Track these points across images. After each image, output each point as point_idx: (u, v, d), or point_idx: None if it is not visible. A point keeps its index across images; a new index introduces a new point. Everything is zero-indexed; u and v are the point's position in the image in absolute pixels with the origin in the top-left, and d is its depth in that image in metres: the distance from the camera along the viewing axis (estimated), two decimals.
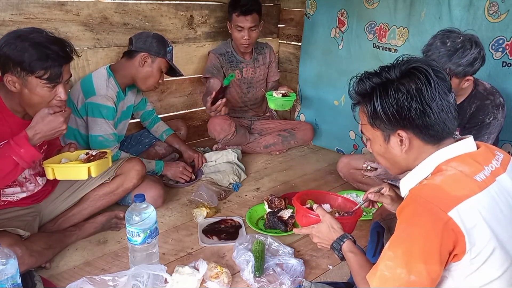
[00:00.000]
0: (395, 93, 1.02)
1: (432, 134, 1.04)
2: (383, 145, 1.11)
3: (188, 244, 1.89)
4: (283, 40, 3.46)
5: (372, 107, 1.06)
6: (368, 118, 1.10)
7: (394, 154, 1.10)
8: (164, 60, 2.24)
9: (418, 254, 0.92)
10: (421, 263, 0.91)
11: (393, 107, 1.03)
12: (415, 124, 1.03)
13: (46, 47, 1.47)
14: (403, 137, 1.06)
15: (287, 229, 1.95)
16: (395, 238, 0.97)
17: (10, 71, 1.46)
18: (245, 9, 2.66)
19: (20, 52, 1.44)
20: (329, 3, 2.90)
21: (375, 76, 1.07)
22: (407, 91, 1.01)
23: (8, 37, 1.47)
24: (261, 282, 1.60)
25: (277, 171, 2.72)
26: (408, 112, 1.02)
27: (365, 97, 1.09)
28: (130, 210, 1.51)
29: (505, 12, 2.05)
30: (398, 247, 0.95)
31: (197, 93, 3.06)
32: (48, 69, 1.48)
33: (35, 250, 1.58)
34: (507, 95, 2.11)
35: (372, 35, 2.67)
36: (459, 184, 0.97)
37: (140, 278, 1.42)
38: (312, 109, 3.21)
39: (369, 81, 1.07)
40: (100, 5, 2.41)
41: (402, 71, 1.04)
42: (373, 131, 1.12)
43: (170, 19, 2.74)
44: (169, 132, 2.61)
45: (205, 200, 2.19)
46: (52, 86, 1.51)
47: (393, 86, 1.03)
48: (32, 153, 1.49)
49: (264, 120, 3.15)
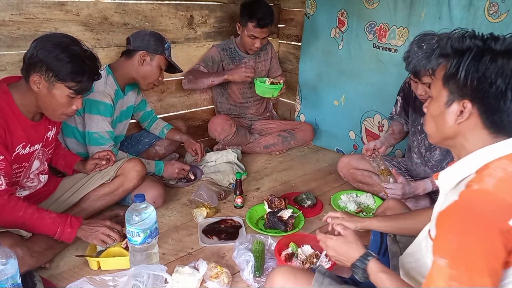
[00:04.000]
0: (489, 62, 0.94)
1: (495, 121, 0.96)
2: (442, 107, 1.02)
3: (188, 244, 1.89)
4: (283, 40, 3.46)
5: (457, 66, 0.98)
6: (444, 75, 1.01)
7: (447, 121, 1.02)
8: (163, 57, 2.23)
9: (483, 269, 0.84)
10: (487, 277, 0.84)
11: (477, 74, 0.94)
12: (486, 102, 0.95)
13: (83, 62, 1.55)
14: (467, 108, 0.97)
15: (287, 229, 1.95)
16: (454, 252, 0.87)
17: (39, 73, 1.51)
18: (263, 23, 2.68)
19: (58, 61, 1.50)
20: (329, 3, 2.90)
21: (480, 39, 0.98)
22: (502, 66, 0.93)
23: (44, 43, 1.52)
24: (261, 282, 1.60)
25: (277, 171, 2.73)
26: (488, 86, 0.94)
27: (457, 53, 0.99)
28: (130, 210, 1.51)
29: (505, 12, 2.05)
30: (461, 263, 0.85)
31: (197, 93, 3.06)
32: (80, 83, 1.56)
33: (36, 250, 1.58)
34: None
35: (372, 35, 2.67)
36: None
37: (140, 278, 1.42)
38: (312, 109, 3.21)
39: (471, 40, 0.97)
40: (100, 5, 2.41)
41: (509, 47, 0.95)
42: (441, 89, 1.03)
43: (170, 19, 2.74)
44: (169, 126, 2.61)
45: (205, 200, 2.19)
46: (75, 96, 1.60)
47: (491, 54, 0.94)
48: (69, 237, 1.64)
49: (264, 120, 3.15)
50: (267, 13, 2.69)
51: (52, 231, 1.61)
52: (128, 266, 1.58)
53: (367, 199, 2.28)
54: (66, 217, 1.64)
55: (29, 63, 1.53)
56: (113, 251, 1.71)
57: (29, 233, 1.61)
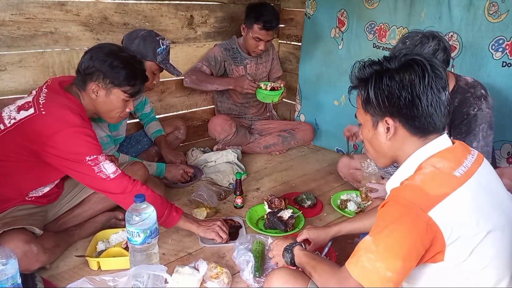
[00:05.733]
0: (389, 80, 1.07)
1: (417, 126, 1.08)
2: (371, 130, 1.16)
3: (188, 244, 1.89)
4: (283, 40, 3.46)
5: (366, 92, 1.11)
6: (361, 103, 1.15)
7: (380, 141, 1.14)
8: (153, 63, 2.17)
9: (398, 252, 0.97)
10: (400, 260, 0.96)
11: (384, 93, 1.07)
12: (402, 113, 1.07)
13: (134, 67, 1.70)
14: (390, 124, 1.10)
15: (287, 229, 1.95)
16: (379, 233, 1.01)
17: (96, 81, 1.65)
18: (269, 26, 2.69)
19: (113, 68, 1.64)
20: (329, 3, 2.90)
21: (377, 64, 1.12)
22: (400, 80, 1.06)
23: (97, 53, 1.65)
24: (261, 282, 1.59)
25: (277, 171, 2.73)
26: (397, 100, 1.06)
27: (362, 82, 1.13)
28: (130, 210, 1.51)
29: (505, 12, 2.05)
30: (381, 242, 0.99)
31: (197, 93, 3.06)
32: (134, 86, 1.71)
33: (47, 247, 1.62)
34: (507, 95, 2.11)
35: (372, 35, 2.67)
36: (438, 182, 1.01)
37: (140, 278, 1.42)
38: (312, 109, 3.21)
39: (370, 68, 1.12)
40: (100, 5, 2.41)
41: (401, 62, 1.08)
42: (364, 116, 1.17)
43: (170, 19, 2.74)
44: (157, 133, 2.59)
45: (205, 200, 2.19)
46: (129, 98, 1.73)
47: (389, 74, 1.07)
48: (173, 221, 1.73)
49: (265, 121, 3.15)
50: (273, 16, 2.70)
51: (160, 213, 1.63)
52: (128, 266, 1.58)
53: None
54: (171, 204, 1.74)
55: (86, 74, 1.65)
56: (113, 251, 1.71)
57: (41, 230, 1.64)
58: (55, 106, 1.58)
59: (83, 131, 1.57)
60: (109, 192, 1.64)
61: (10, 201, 1.65)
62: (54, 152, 1.54)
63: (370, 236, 1.03)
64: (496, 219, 1.03)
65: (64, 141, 1.53)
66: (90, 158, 1.56)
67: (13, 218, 1.61)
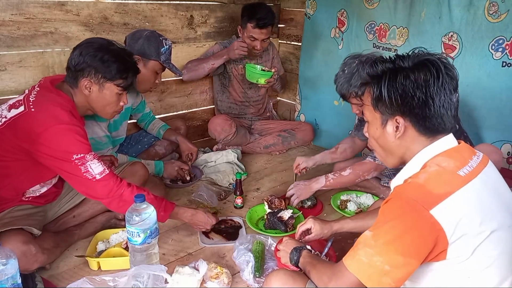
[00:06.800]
0: (403, 79, 1.05)
1: (428, 126, 1.07)
2: (379, 128, 1.14)
3: (188, 244, 1.89)
4: (283, 40, 3.46)
5: (379, 90, 1.09)
6: (372, 100, 1.13)
7: (388, 139, 1.13)
8: (157, 62, 2.19)
9: (398, 247, 0.97)
10: (399, 255, 0.96)
11: (398, 92, 1.06)
12: (414, 113, 1.06)
13: (125, 60, 1.69)
14: (400, 123, 1.09)
15: (287, 229, 1.95)
16: (378, 228, 1.01)
17: (88, 77, 1.62)
18: (262, 23, 2.67)
19: (104, 62, 1.61)
20: (329, 3, 2.90)
21: (389, 62, 1.10)
22: (415, 79, 1.04)
23: (87, 48, 1.62)
24: (261, 282, 1.59)
25: (277, 171, 2.73)
26: (410, 100, 1.05)
27: (374, 79, 1.11)
28: (130, 210, 1.51)
29: (505, 12, 2.05)
30: (380, 237, 0.99)
31: (197, 93, 3.06)
32: (126, 79, 1.69)
33: (46, 248, 1.61)
34: (507, 95, 2.11)
35: (372, 35, 2.67)
36: (441, 181, 1.01)
37: (140, 278, 1.42)
38: (312, 109, 3.21)
39: (382, 65, 1.10)
40: (100, 5, 2.41)
41: (415, 61, 1.07)
42: (373, 113, 1.15)
43: (170, 19, 2.74)
44: (165, 127, 2.60)
45: (205, 200, 2.19)
46: (122, 92, 1.71)
47: (403, 72, 1.06)
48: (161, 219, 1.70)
49: (264, 121, 3.15)
50: (266, 14, 2.69)
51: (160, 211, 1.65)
52: (128, 266, 1.57)
53: (367, 199, 2.27)
54: (162, 201, 1.71)
55: (77, 70, 1.62)
56: (113, 251, 1.71)
57: (40, 231, 1.63)
58: (45, 103, 1.55)
59: (73, 128, 1.54)
60: (94, 196, 1.61)
61: (8, 202, 1.64)
62: (44, 150, 1.51)
63: (370, 231, 1.03)
64: (501, 219, 1.03)
65: (53, 139, 1.51)
66: (78, 156, 1.52)
67: (12, 219, 1.60)
